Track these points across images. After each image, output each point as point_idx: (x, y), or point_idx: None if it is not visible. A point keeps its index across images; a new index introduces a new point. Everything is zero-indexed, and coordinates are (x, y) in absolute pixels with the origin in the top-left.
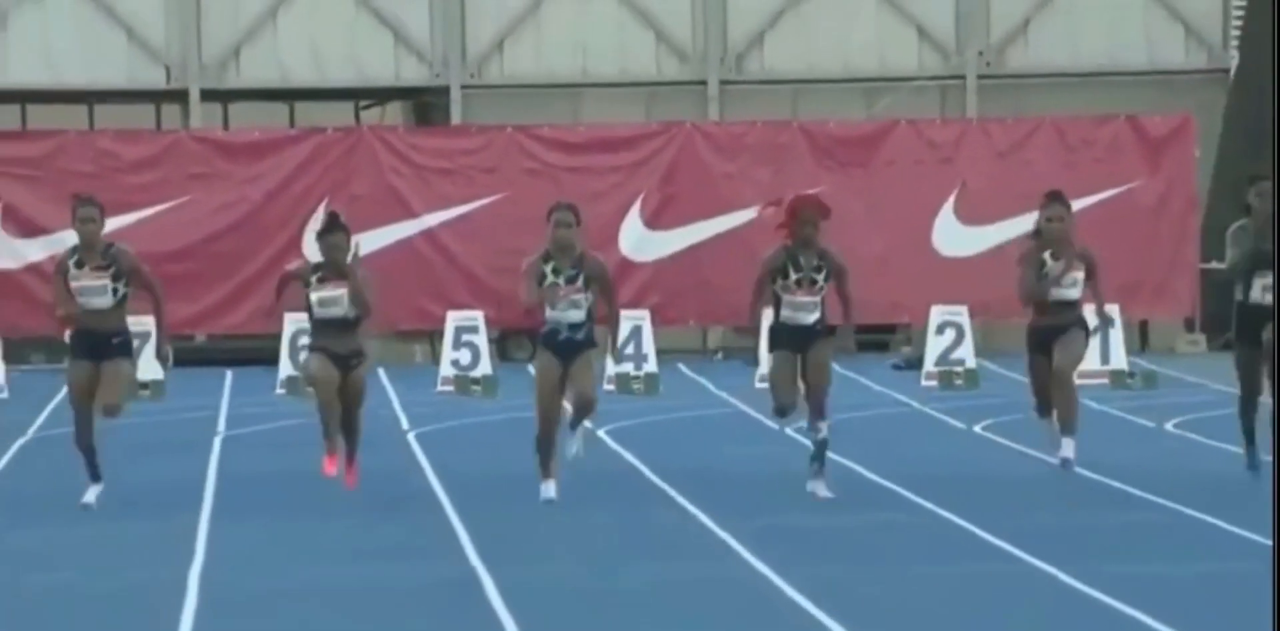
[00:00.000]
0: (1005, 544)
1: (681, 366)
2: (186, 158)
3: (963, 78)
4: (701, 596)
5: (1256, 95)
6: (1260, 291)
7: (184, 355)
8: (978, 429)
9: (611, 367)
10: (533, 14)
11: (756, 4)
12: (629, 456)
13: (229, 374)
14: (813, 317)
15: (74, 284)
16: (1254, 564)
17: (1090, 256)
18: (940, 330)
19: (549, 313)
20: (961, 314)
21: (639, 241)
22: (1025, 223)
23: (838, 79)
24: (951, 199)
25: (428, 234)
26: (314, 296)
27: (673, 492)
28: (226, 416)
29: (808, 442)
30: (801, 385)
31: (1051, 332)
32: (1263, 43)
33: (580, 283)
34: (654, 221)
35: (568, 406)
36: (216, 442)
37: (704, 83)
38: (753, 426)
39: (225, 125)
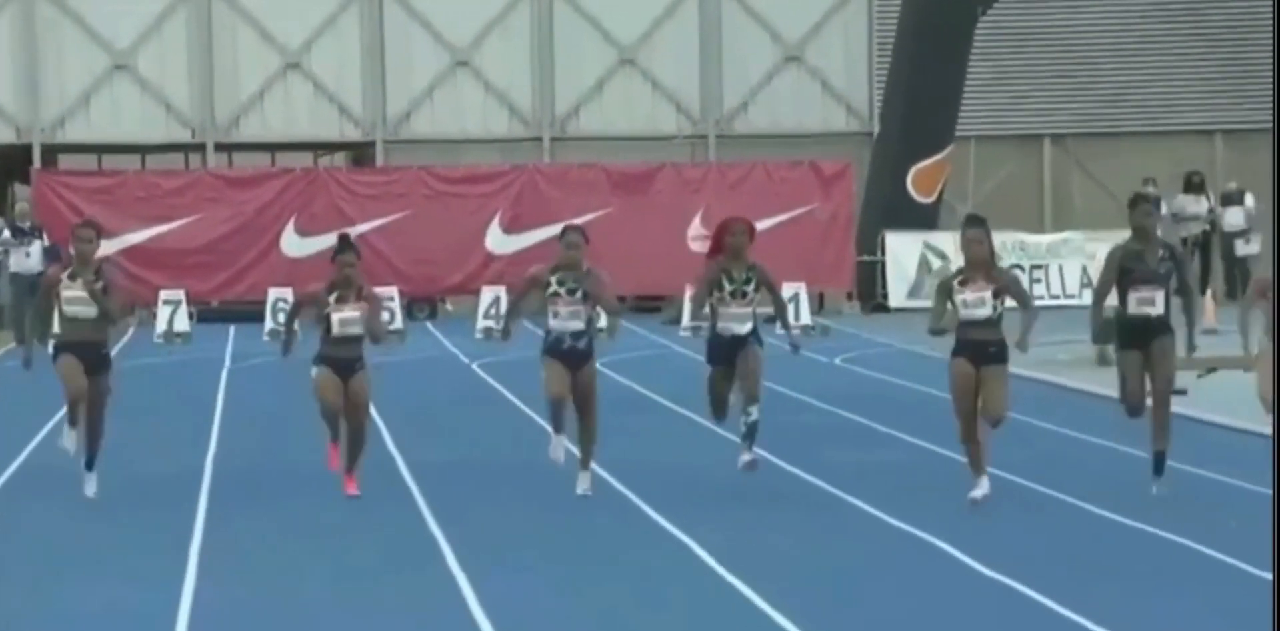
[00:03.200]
0: (723, 433)
1: (526, 322)
2: (204, 187)
3: (705, 136)
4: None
5: (889, 150)
6: (1136, 304)
7: (205, 314)
8: None
9: (480, 323)
10: (428, 96)
11: (575, 87)
12: (500, 387)
13: (232, 328)
14: (745, 327)
15: (66, 293)
16: (901, 454)
17: (1007, 279)
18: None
19: (552, 321)
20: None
21: (499, 241)
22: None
23: (625, 137)
24: (699, 215)
25: (361, 237)
26: (335, 317)
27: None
28: (231, 354)
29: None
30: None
31: (976, 346)
32: (890, 117)
33: (579, 296)
34: (509, 228)
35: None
36: (224, 371)
37: (540, 139)
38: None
39: (230, 165)
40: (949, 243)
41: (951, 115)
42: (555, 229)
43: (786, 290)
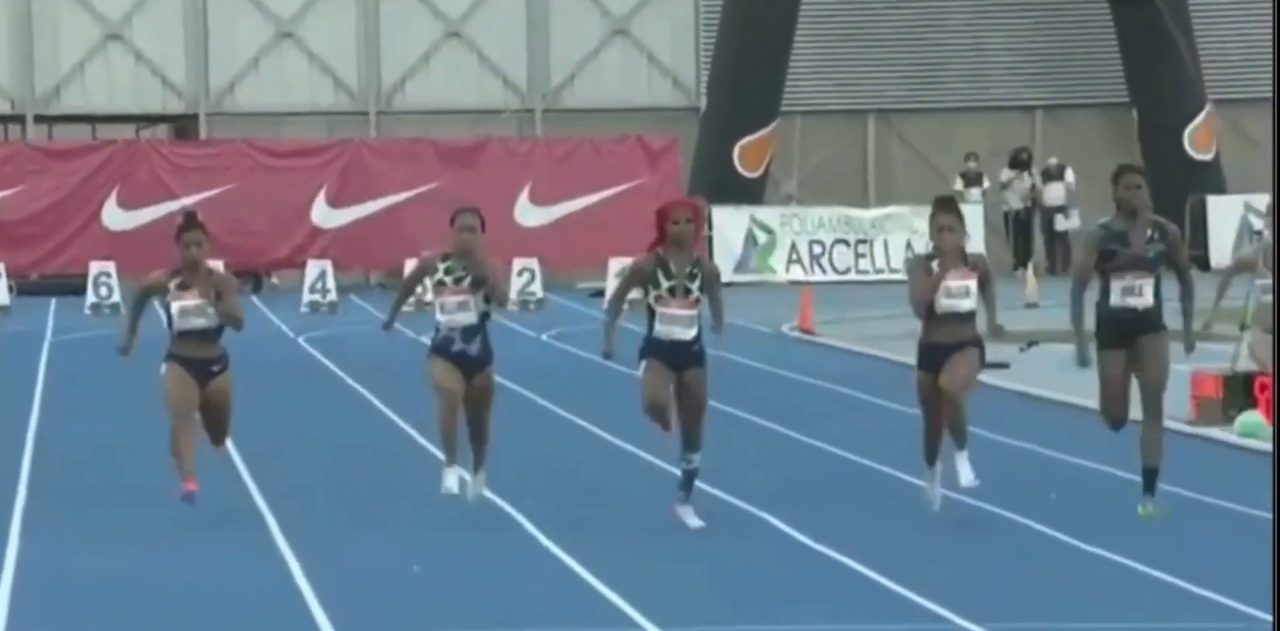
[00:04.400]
0: (515, 384)
1: (353, 297)
2: (24, 159)
3: (533, 110)
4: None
5: (715, 125)
6: (1120, 294)
7: (25, 288)
8: (544, 337)
9: (306, 297)
10: (253, 68)
11: (401, 59)
12: (320, 356)
13: (53, 301)
14: (690, 333)
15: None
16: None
17: (984, 265)
18: (520, 273)
19: (439, 316)
20: (534, 263)
21: (325, 215)
22: (579, 203)
23: (452, 110)
24: (527, 189)
25: (184, 209)
26: (175, 306)
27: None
28: (52, 328)
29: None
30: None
31: (944, 351)
32: (716, 92)
33: (467, 284)
34: (334, 202)
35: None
36: (45, 345)
37: (366, 112)
38: (392, 336)
39: (50, 137)
40: (775, 217)
41: (777, 91)
42: (383, 203)
43: (613, 265)
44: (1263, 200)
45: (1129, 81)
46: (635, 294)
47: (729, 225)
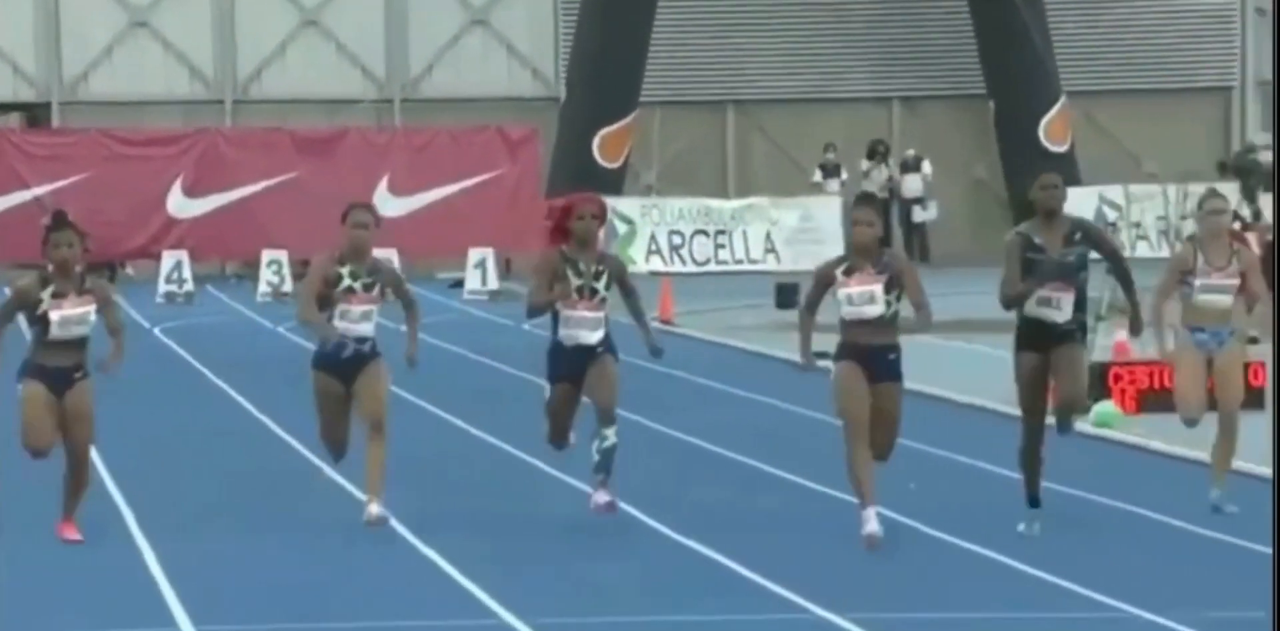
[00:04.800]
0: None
1: (209, 287)
2: None
3: (391, 101)
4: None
5: (574, 115)
6: (1035, 305)
7: None
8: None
9: (162, 288)
10: (107, 56)
11: (257, 48)
12: (176, 347)
13: None
14: (596, 335)
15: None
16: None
17: (899, 267)
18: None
19: (338, 322)
20: (393, 254)
21: (180, 205)
22: (438, 194)
23: (310, 100)
24: (385, 180)
25: (37, 199)
26: (54, 316)
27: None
28: None
29: None
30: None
31: (866, 351)
32: (576, 82)
33: (377, 291)
34: (190, 192)
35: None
36: None
37: (222, 101)
38: (249, 326)
39: None
40: (635, 208)
41: (636, 81)
42: (239, 193)
43: (473, 255)
44: (1116, 192)
45: (985, 73)
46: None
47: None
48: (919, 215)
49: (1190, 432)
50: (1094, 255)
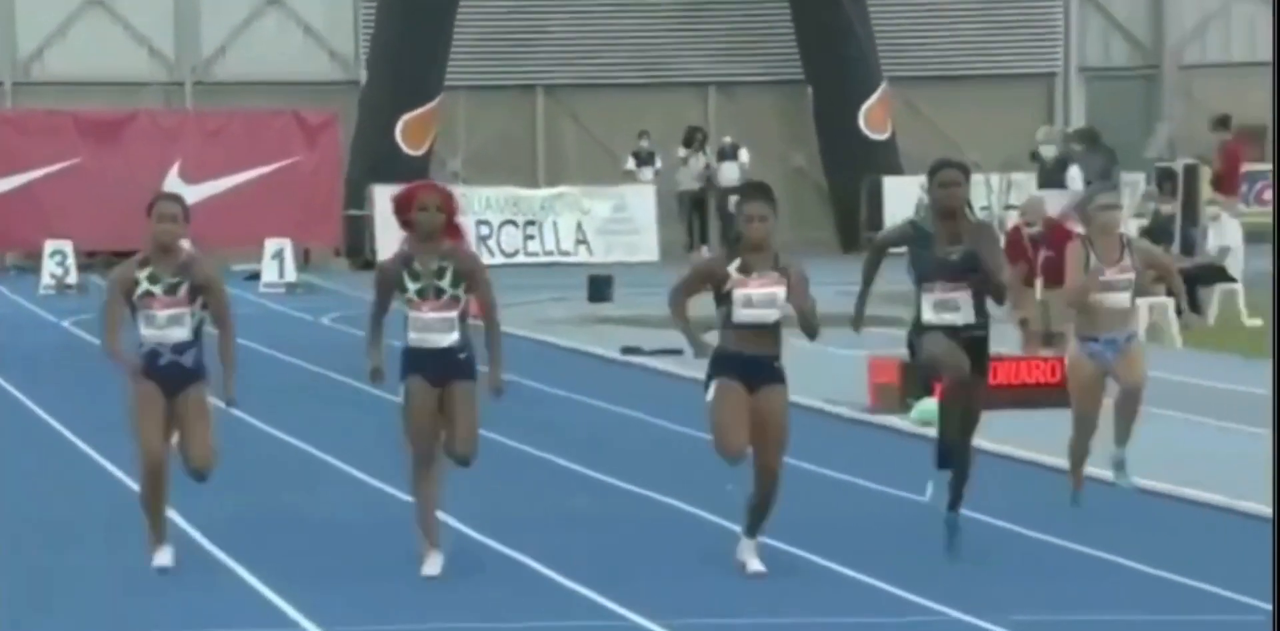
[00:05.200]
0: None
1: None
2: None
3: (183, 83)
4: None
5: (376, 100)
6: (934, 309)
7: None
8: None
9: None
10: None
11: (39, 28)
12: None
13: None
14: (449, 338)
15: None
16: (388, 417)
17: (793, 268)
18: None
19: (144, 330)
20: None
21: None
22: (232, 181)
23: (95, 82)
24: (176, 166)
25: None
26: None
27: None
28: None
29: None
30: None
31: (751, 363)
32: (376, 65)
33: (184, 293)
34: None
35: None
36: None
37: (1, 83)
38: (31, 320)
39: None
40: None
41: (440, 64)
42: (19, 179)
43: (270, 246)
44: None
45: (803, 58)
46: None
47: (391, 205)
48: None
49: (1018, 432)
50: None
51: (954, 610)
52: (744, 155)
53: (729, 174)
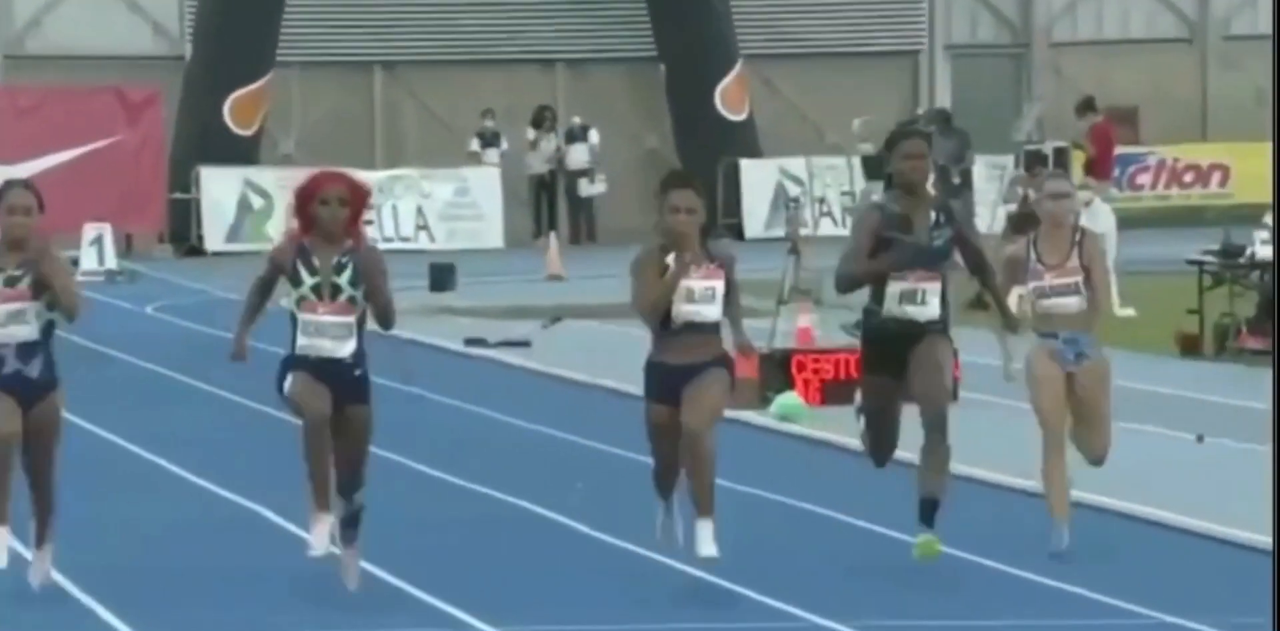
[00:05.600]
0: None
1: None
2: None
3: None
4: None
5: (202, 76)
6: (897, 300)
7: None
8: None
9: None
10: None
11: None
12: None
13: None
14: (345, 348)
15: None
16: (219, 412)
17: (730, 265)
18: None
19: None
20: None
21: None
22: (48, 162)
23: None
24: None
25: None
26: None
27: None
28: None
29: None
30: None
31: (679, 376)
32: (203, 39)
33: (26, 285)
34: None
35: None
36: None
37: None
38: None
39: None
40: (271, 179)
41: (271, 38)
42: None
43: (89, 231)
44: (798, 164)
45: (656, 34)
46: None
47: (220, 188)
48: (585, 189)
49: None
50: None
51: (813, 615)
52: (594, 136)
53: (578, 156)
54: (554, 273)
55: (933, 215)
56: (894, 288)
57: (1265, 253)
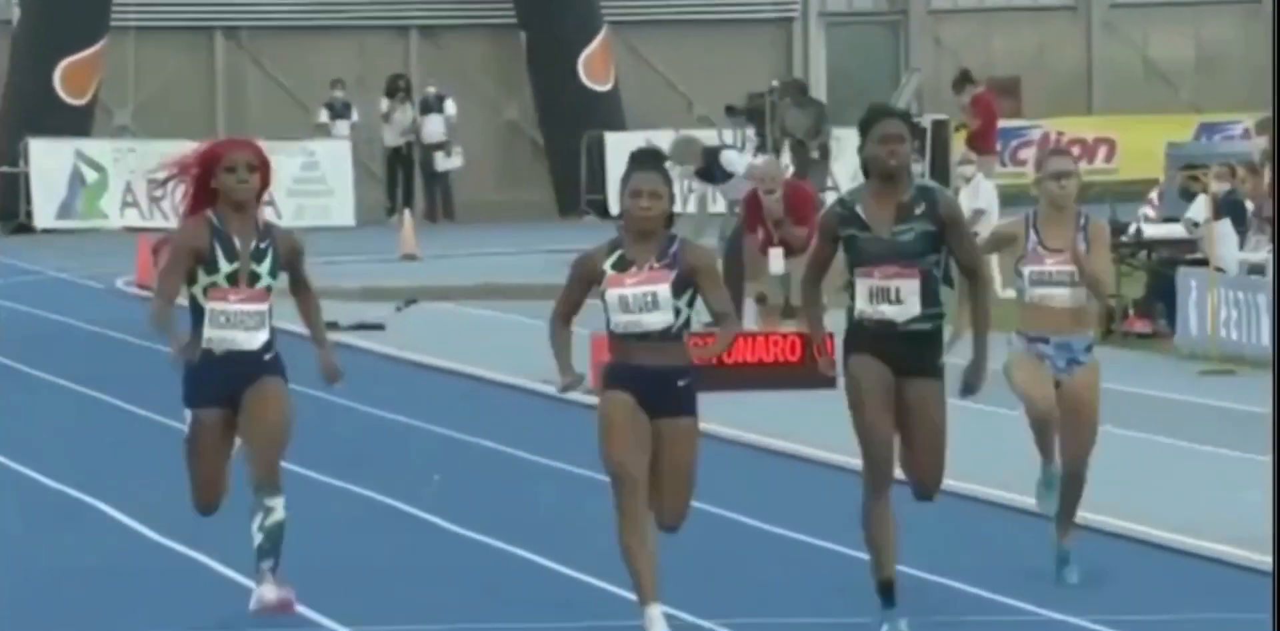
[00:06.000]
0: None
1: None
2: None
3: None
4: None
5: (30, 42)
6: (868, 298)
7: None
8: None
9: None
10: None
11: None
12: None
13: None
14: (258, 338)
15: None
16: (70, 402)
17: (692, 259)
18: None
19: None
20: None
21: None
22: None
23: None
24: None
25: None
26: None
27: None
28: None
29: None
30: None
31: (654, 379)
32: (31, 1)
33: None
34: None
35: None
36: None
37: None
38: None
39: None
40: (106, 152)
41: (105, 1)
42: None
43: None
44: (666, 137)
45: (516, 0)
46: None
47: (51, 161)
48: (442, 163)
49: (738, 410)
50: None
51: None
52: (450, 107)
53: (434, 128)
54: (408, 252)
55: (912, 205)
56: (864, 285)
57: (1152, 231)
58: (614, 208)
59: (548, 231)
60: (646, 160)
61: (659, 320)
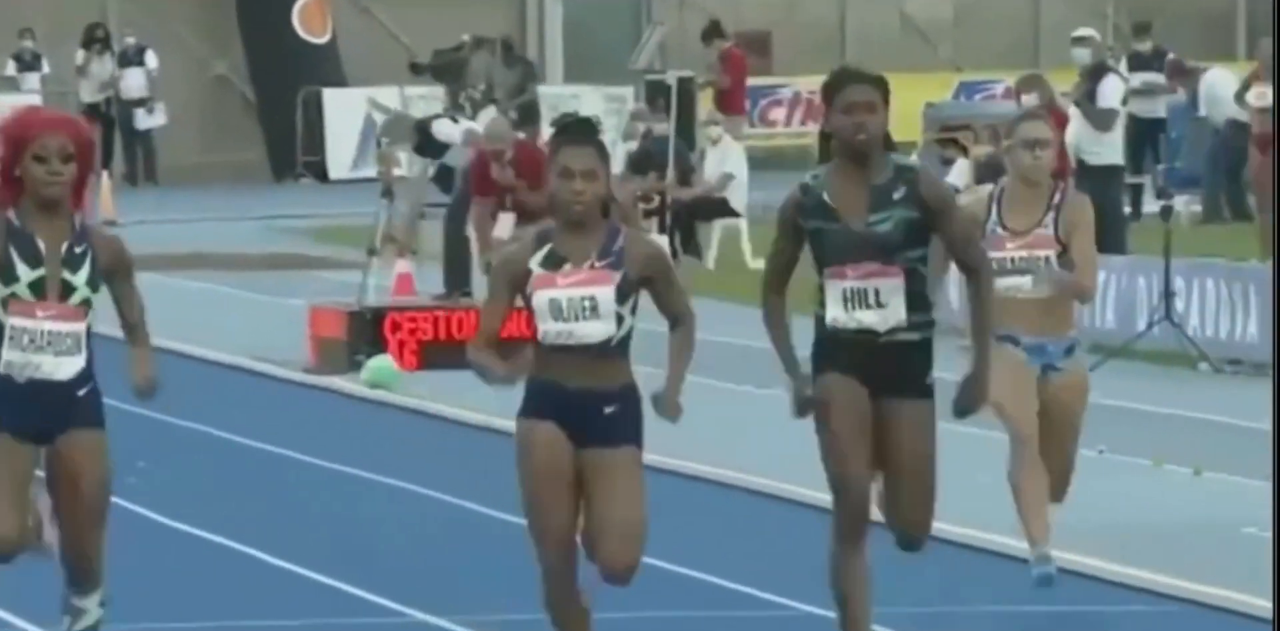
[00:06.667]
0: None
1: None
2: None
3: None
4: None
5: None
6: (840, 303)
7: None
8: None
9: None
10: None
11: None
12: None
13: None
14: (72, 367)
15: None
16: None
17: (641, 256)
18: None
19: None
20: None
21: None
22: None
23: None
24: None
25: None
26: None
27: None
28: None
29: None
30: None
31: (582, 400)
32: None
33: None
34: None
35: None
36: None
37: None
38: None
39: None
40: None
41: None
42: None
43: None
44: (391, 94)
45: None
46: None
47: None
48: (143, 121)
49: (486, 394)
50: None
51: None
52: (152, 60)
53: (134, 83)
54: (107, 218)
55: (892, 190)
56: (834, 286)
57: None
58: (334, 170)
59: (261, 196)
60: (576, 131)
61: (596, 331)
